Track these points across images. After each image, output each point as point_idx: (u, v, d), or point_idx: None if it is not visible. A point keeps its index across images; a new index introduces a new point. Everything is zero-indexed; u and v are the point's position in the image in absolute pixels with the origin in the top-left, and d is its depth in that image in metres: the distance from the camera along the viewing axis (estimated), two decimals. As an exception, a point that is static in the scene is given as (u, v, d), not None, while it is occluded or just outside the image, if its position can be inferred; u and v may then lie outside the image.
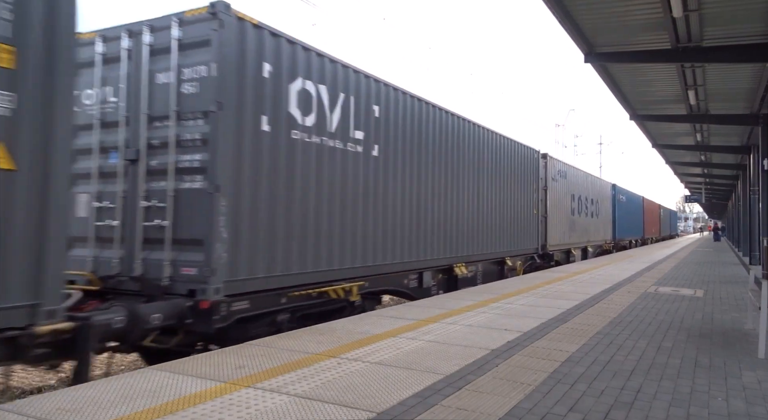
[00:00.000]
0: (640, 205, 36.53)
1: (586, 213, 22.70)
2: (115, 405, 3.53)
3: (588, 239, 23.07)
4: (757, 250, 16.59)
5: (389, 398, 3.74)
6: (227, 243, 5.85)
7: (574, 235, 20.46)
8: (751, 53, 9.81)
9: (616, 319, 7.05)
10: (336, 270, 7.54)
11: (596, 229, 24.90)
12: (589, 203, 23.91)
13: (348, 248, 7.77)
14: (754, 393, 4.08)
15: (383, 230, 8.59)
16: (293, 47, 6.85)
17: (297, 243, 6.83)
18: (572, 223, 20.24)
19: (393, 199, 8.87)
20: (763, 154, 13.75)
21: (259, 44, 6.33)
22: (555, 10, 8.88)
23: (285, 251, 6.65)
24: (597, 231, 25.22)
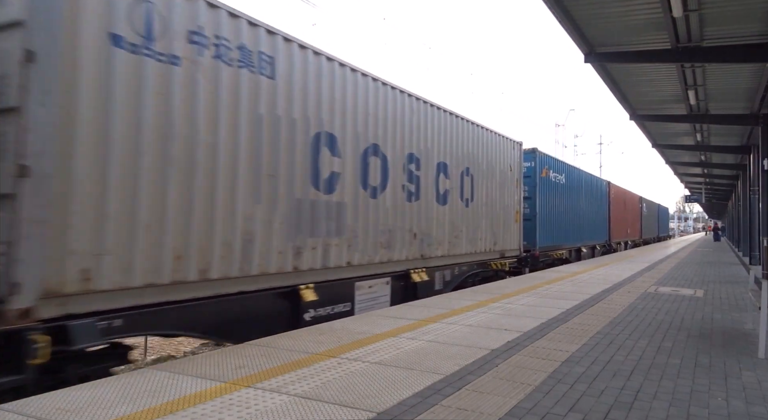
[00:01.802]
0: (602, 193, 25.59)
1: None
2: (115, 405, 3.53)
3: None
4: (757, 250, 16.60)
5: (389, 398, 3.74)
6: None
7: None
8: (751, 53, 9.81)
9: (616, 319, 7.05)
10: None
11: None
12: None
13: None
14: (754, 393, 4.08)
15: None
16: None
17: None
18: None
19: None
20: (763, 154, 13.75)
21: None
22: (555, 10, 8.88)
23: None
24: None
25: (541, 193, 16.06)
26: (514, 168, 14.10)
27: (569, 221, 19.10)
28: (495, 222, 12.82)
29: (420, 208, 9.72)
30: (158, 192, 5.18)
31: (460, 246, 11.17)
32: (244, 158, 6.14)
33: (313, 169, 7.23)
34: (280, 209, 6.64)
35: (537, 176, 15.83)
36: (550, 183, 17.11)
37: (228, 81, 5.93)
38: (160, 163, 5.20)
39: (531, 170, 15.68)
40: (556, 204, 17.69)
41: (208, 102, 5.71)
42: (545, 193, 16.49)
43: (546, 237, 16.48)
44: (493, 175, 12.76)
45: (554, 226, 17.39)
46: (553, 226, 17.31)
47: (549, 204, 16.89)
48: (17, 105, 4.24)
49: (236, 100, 6.04)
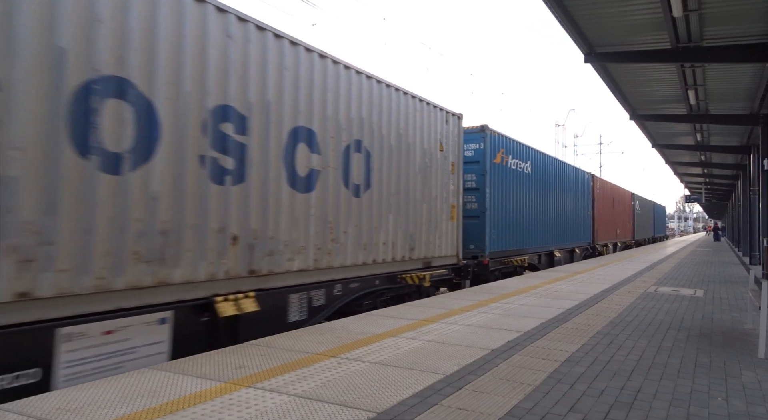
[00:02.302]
0: (585, 188, 21.80)
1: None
2: (115, 405, 3.53)
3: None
4: (757, 250, 16.60)
5: (389, 398, 3.74)
6: None
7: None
8: (751, 53, 9.82)
9: (616, 319, 7.05)
10: None
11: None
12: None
13: None
14: (754, 393, 4.08)
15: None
16: None
17: None
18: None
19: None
20: (763, 154, 13.75)
21: None
22: (555, 11, 8.88)
23: None
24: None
25: (493, 183, 12.70)
26: (449, 148, 10.53)
27: (536, 220, 15.80)
28: (413, 220, 9.30)
29: (248, 194, 6.16)
30: None
31: (343, 255, 7.62)
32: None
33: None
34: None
35: (488, 162, 12.39)
36: (508, 171, 13.67)
37: None
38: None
39: (480, 154, 12.32)
40: (518, 198, 14.25)
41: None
42: (500, 184, 13.12)
43: (501, 239, 13.17)
44: (409, 155, 9.19)
45: (513, 226, 13.95)
46: (512, 226, 13.85)
47: (506, 197, 13.47)
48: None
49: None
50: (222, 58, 5.88)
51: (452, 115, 10.83)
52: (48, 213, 4.32)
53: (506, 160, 13.46)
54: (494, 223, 12.77)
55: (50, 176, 4.34)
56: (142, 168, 5.05)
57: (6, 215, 4.07)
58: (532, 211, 15.33)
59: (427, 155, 9.80)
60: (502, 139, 13.35)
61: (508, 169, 13.68)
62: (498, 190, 13.01)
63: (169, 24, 5.32)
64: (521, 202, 14.56)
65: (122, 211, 4.87)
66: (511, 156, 13.75)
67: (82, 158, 4.55)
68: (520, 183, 14.46)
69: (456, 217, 10.87)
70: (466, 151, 12.26)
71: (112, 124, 4.78)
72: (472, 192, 12.47)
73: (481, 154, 12.46)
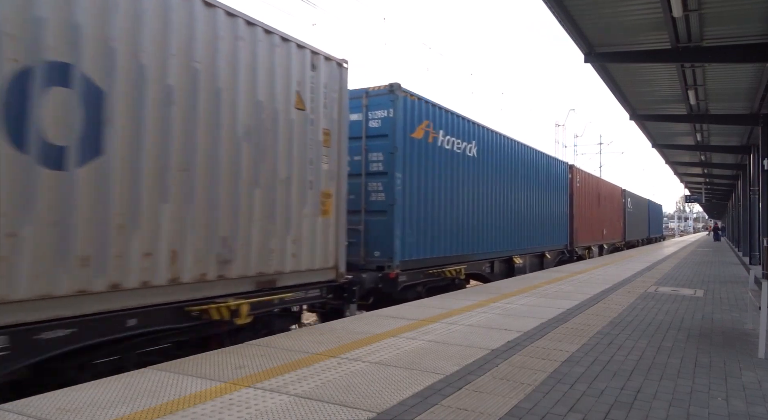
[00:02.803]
0: (561, 181, 18.58)
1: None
2: (115, 405, 3.53)
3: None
4: (757, 250, 16.60)
5: (389, 398, 3.74)
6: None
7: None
8: (751, 53, 9.82)
9: (616, 319, 7.05)
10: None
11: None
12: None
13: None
14: (754, 393, 4.08)
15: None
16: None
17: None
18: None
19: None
20: (763, 154, 13.75)
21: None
22: (555, 11, 8.88)
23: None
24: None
25: (409, 165, 9.34)
26: (319, 107, 7.17)
27: (485, 218, 12.36)
28: (228, 214, 5.88)
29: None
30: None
31: (9, 279, 4.04)
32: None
33: None
34: None
35: (399, 135, 9.01)
36: (438, 152, 10.30)
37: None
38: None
39: (388, 123, 9.00)
40: (453, 188, 10.88)
41: None
42: (422, 168, 9.74)
43: (423, 243, 9.72)
44: (220, 108, 5.80)
45: (445, 225, 10.55)
46: (443, 225, 10.46)
47: (432, 187, 10.07)
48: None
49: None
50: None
51: (325, 59, 7.31)
52: None
53: (434, 135, 10.10)
54: (411, 221, 9.36)
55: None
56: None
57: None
58: (478, 207, 11.95)
59: (265, 112, 6.27)
60: (427, 106, 9.91)
61: (438, 149, 10.29)
62: (418, 176, 9.61)
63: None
64: (460, 194, 11.13)
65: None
66: (443, 132, 10.44)
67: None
68: (458, 168, 11.05)
69: (335, 211, 7.43)
70: (371, 121, 9.20)
71: None
72: (378, 177, 9.08)
73: (390, 123, 8.99)
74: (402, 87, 9.26)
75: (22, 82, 4.17)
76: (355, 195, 9.09)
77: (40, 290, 4.23)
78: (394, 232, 8.94)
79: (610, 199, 26.58)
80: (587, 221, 21.66)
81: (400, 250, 9.08)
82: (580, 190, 20.60)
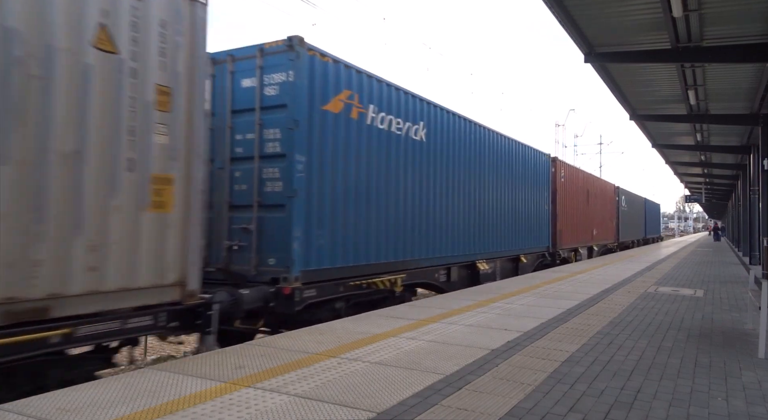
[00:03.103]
0: (542, 175, 16.57)
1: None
2: (115, 405, 3.53)
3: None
4: (757, 250, 16.60)
5: (389, 398, 3.74)
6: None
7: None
8: (751, 53, 9.82)
9: (616, 319, 7.05)
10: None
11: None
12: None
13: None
14: (754, 393, 4.08)
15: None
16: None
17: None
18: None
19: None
20: (763, 154, 13.75)
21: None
22: (555, 11, 8.88)
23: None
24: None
25: (320, 146, 7.41)
26: (148, 54, 5.14)
27: (437, 216, 10.30)
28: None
29: None
30: None
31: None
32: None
33: None
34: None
35: (305, 107, 7.15)
36: (368, 132, 8.34)
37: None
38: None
39: (287, 91, 7.03)
40: (389, 178, 8.82)
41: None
42: (340, 150, 7.78)
43: (339, 247, 7.71)
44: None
45: (374, 224, 8.48)
46: (371, 224, 8.40)
47: (355, 174, 8.07)
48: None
49: None
50: None
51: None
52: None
53: (360, 110, 8.12)
54: (321, 220, 7.35)
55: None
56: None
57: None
58: (427, 203, 9.91)
59: (22, 48, 4.16)
60: (349, 73, 7.93)
61: (368, 129, 8.28)
62: (333, 162, 7.59)
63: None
64: (399, 186, 9.05)
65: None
66: (375, 107, 8.43)
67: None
68: (397, 154, 8.99)
69: (180, 204, 5.40)
70: (267, 87, 7.15)
71: None
72: (275, 161, 7.07)
73: (289, 91, 7.00)
74: (306, 42, 6.96)
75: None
76: (248, 184, 7.21)
77: None
78: (292, 233, 6.82)
79: (602, 196, 24.57)
80: (574, 220, 19.66)
81: (302, 256, 6.94)
82: (565, 185, 18.63)
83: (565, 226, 18.50)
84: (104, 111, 4.75)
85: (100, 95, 4.72)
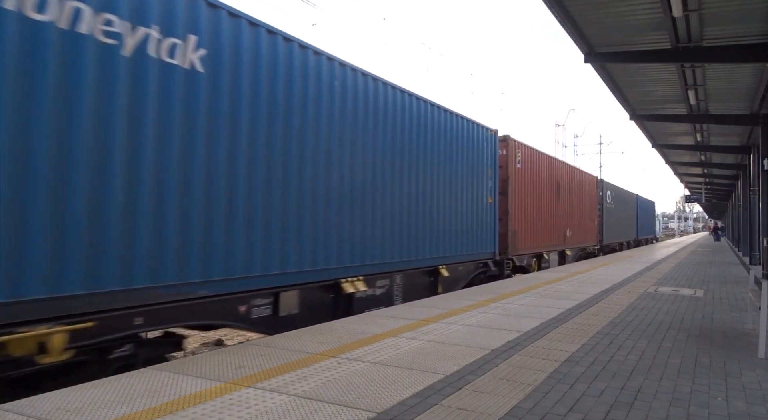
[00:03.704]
0: (481, 156, 12.13)
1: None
2: (115, 405, 3.53)
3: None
4: (757, 250, 16.60)
5: (389, 398, 3.74)
6: None
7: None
8: (751, 53, 9.82)
9: (616, 319, 7.05)
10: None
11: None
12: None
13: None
14: (754, 393, 4.08)
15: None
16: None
17: None
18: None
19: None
20: (763, 154, 13.75)
21: None
22: (555, 11, 8.88)
23: None
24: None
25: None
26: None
27: (243, 204, 6.08)
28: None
29: None
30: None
31: None
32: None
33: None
34: None
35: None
36: (40, 43, 4.28)
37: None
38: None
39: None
40: (98, 140, 4.67)
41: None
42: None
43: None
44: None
45: (47, 226, 4.41)
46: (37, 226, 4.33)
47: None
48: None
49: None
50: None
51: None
52: None
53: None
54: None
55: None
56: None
57: None
58: (217, 181, 5.77)
59: None
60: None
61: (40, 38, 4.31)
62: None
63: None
64: (117, 154, 4.85)
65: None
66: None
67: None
68: (123, 94, 4.88)
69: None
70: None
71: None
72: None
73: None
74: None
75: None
76: None
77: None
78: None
79: (579, 190, 20.61)
80: (535, 219, 15.81)
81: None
82: (523, 173, 14.75)
83: (523, 225, 14.76)
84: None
85: None
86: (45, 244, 4.37)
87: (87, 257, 4.65)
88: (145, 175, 5.12)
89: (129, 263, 4.97)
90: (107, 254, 4.81)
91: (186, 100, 5.51)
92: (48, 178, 4.42)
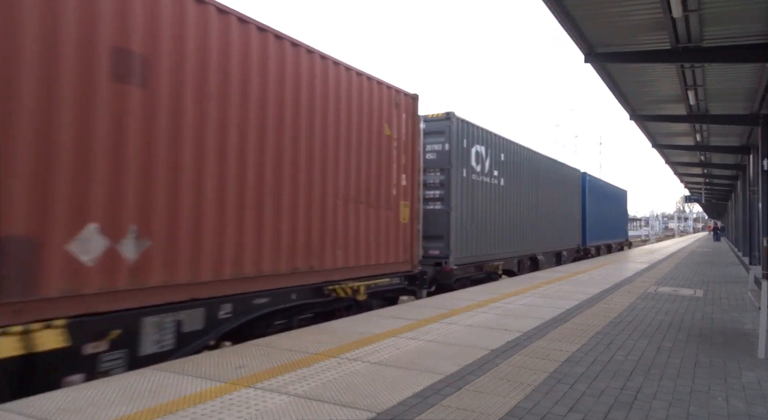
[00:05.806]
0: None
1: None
2: (115, 405, 3.53)
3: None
4: (757, 250, 16.60)
5: (389, 398, 3.74)
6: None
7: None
8: (751, 53, 9.82)
9: (616, 319, 7.05)
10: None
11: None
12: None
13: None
14: (754, 393, 4.08)
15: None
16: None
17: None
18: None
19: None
20: (763, 154, 13.75)
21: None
22: (555, 11, 8.88)
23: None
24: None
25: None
26: None
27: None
28: None
29: None
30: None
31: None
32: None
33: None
34: None
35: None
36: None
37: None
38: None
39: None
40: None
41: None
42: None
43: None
44: None
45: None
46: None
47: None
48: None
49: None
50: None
51: None
52: None
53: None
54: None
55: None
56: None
57: None
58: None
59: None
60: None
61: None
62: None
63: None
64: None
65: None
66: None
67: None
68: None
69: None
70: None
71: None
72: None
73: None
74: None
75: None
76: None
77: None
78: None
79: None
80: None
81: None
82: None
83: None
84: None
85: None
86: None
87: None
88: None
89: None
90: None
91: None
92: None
